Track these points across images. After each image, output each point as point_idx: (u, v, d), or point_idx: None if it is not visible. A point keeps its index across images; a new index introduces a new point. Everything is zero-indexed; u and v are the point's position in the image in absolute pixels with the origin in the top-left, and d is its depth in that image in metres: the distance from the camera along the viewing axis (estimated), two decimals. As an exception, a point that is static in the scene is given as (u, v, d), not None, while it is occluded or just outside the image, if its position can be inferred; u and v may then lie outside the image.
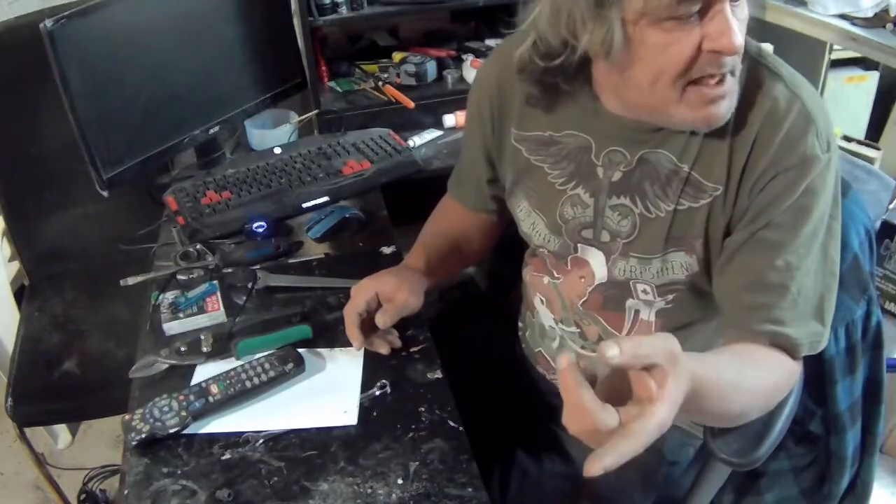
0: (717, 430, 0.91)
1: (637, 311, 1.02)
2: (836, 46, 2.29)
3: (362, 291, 1.07)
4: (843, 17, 1.83)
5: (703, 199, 0.91)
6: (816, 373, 1.02)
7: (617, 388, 0.67)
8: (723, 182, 0.89)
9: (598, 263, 1.01)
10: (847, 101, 2.51)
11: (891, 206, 1.62)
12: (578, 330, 1.09)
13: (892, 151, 2.32)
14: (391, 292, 1.07)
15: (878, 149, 2.32)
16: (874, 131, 2.52)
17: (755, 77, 0.87)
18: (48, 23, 1.22)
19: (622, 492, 1.09)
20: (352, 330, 1.05)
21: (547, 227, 1.04)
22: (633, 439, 0.62)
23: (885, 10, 1.75)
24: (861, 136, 2.47)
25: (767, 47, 2.24)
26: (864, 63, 2.48)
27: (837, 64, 2.45)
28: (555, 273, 1.07)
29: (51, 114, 1.50)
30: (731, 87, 0.82)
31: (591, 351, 1.08)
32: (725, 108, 0.83)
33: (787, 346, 0.87)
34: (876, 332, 1.07)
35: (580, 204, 0.99)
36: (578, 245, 1.02)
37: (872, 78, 2.50)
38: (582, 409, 0.62)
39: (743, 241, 0.88)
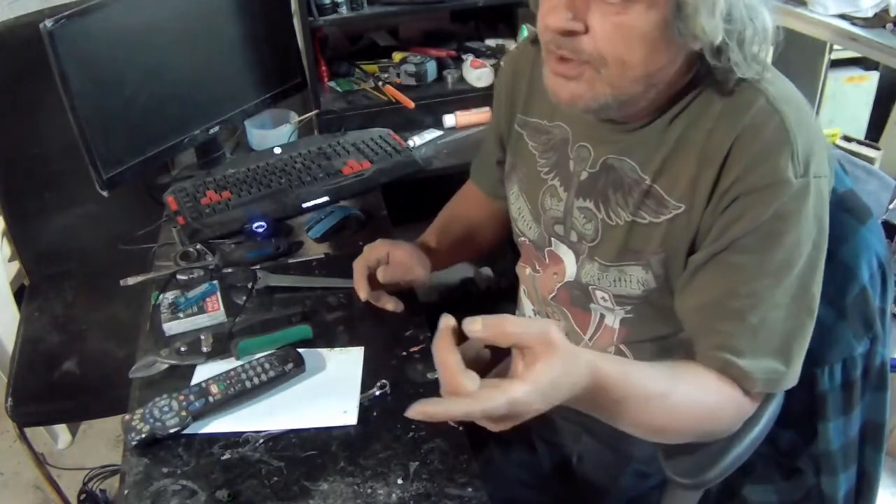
0: (671, 451, 0.89)
1: (602, 316, 1.00)
2: (836, 46, 2.29)
3: (375, 249, 1.13)
4: (843, 17, 1.83)
5: (663, 215, 0.88)
6: (807, 407, 0.99)
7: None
8: (686, 200, 0.86)
9: (569, 262, 1.00)
10: (847, 101, 2.51)
11: (891, 206, 1.62)
12: None
13: (892, 151, 2.32)
14: (401, 256, 1.13)
15: (878, 149, 2.31)
16: (874, 131, 2.52)
17: (736, 93, 0.84)
18: (48, 23, 1.22)
19: (592, 484, 1.10)
20: (359, 281, 1.11)
21: (530, 214, 1.05)
22: (472, 401, 0.65)
23: (885, 10, 1.75)
24: (861, 136, 2.47)
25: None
26: (864, 63, 2.48)
27: (837, 64, 2.45)
28: (536, 265, 1.08)
29: (51, 114, 1.50)
30: (583, 75, 0.80)
31: None
32: (568, 93, 0.82)
33: (738, 377, 0.82)
34: (880, 372, 1.00)
35: (556, 196, 1.00)
36: (552, 239, 1.02)
37: (872, 78, 2.50)
38: (446, 369, 0.67)
39: (704, 261, 0.85)
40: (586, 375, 0.69)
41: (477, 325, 0.66)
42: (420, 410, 0.66)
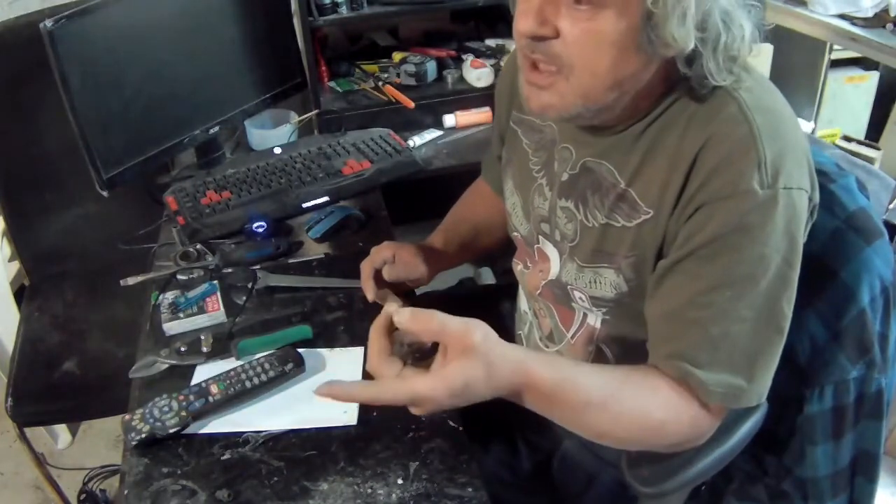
0: (634, 460, 0.89)
1: (585, 315, 0.99)
2: (836, 46, 2.29)
3: (381, 251, 1.14)
4: (843, 17, 1.83)
5: (635, 220, 0.87)
6: (792, 429, 0.98)
7: None
8: (655, 206, 0.85)
9: (555, 261, 1.00)
10: (847, 101, 2.51)
11: (891, 206, 1.62)
12: (537, 320, 1.10)
13: (892, 151, 2.32)
14: (406, 256, 1.15)
15: (878, 149, 2.32)
16: (874, 131, 2.52)
17: (710, 99, 0.82)
18: (48, 23, 1.22)
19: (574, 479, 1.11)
20: (366, 281, 1.12)
21: (523, 210, 1.05)
22: (377, 389, 0.73)
23: (885, 10, 1.75)
24: (861, 136, 2.48)
25: (767, 47, 2.24)
26: (864, 63, 2.48)
27: (837, 64, 2.45)
28: (527, 262, 1.08)
29: (51, 114, 1.50)
30: (554, 85, 0.80)
31: (544, 346, 1.08)
32: (539, 103, 0.83)
33: (695, 388, 0.81)
34: (876, 400, 0.97)
35: (543, 195, 1.00)
36: (539, 237, 1.02)
37: (872, 78, 2.50)
38: (371, 352, 0.76)
39: (669, 268, 0.83)
40: (511, 378, 0.74)
41: (405, 317, 0.73)
42: (327, 391, 0.73)
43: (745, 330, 0.80)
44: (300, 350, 1.05)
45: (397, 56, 2.15)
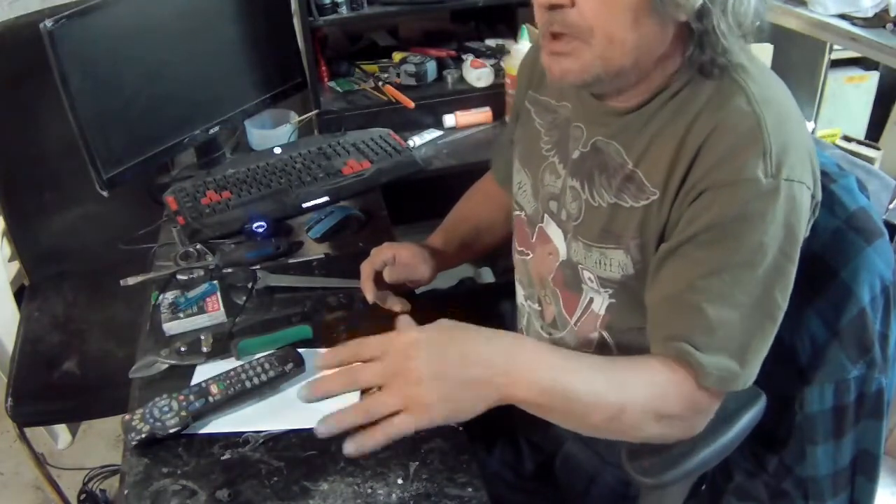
0: (635, 451, 0.88)
1: (591, 300, 0.99)
2: (836, 46, 2.29)
3: (381, 252, 1.14)
4: (843, 17, 1.83)
5: (642, 201, 0.88)
6: (792, 428, 0.98)
7: None
8: (660, 188, 0.86)
9: (559, 241, 1.01)
10: (847, 101, 2.51)
11: (891, 206, 1.62)
12: (539, 308, 1.09)
13: (892, 151, 2.33)
14: (407, 257, 1.15)
15: (878, 149, 2.32)
16: (874, 131, 2.53)
17: (719, 88, 0.84)
18: (48, 23, 1.22)
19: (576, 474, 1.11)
20: (366, 283, 1.12)
21: (531, 188, 1.06)
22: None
23: (885, 10, 1.75)
24: (861, 136, 2.48)
25: (767, 47, 2.24)
26: (864, 63, 2.48)
27: (837, 64, 2.45)
28: (525, 246, 1.08)
29: (51, 114, 1.50)
30: (574, 52, 0.82)
31: (546, 333, 1.08)
32: (559, 68, 0.85)
33: (692, 367, 0.81)
34: (876, 400, 0.97)
35: (555, 173, 1.00)
36: (545, 216, 1.03)
37: (872, 78, 2.50)
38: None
39: (669, 252, 0.85)
40: (511, 342, 0.78)
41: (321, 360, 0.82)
42: (350, 443, 0.78)
43: (740, 317, 0.81)
44: (300, 350, 1.05)
45: (397, 56, 2.15)
